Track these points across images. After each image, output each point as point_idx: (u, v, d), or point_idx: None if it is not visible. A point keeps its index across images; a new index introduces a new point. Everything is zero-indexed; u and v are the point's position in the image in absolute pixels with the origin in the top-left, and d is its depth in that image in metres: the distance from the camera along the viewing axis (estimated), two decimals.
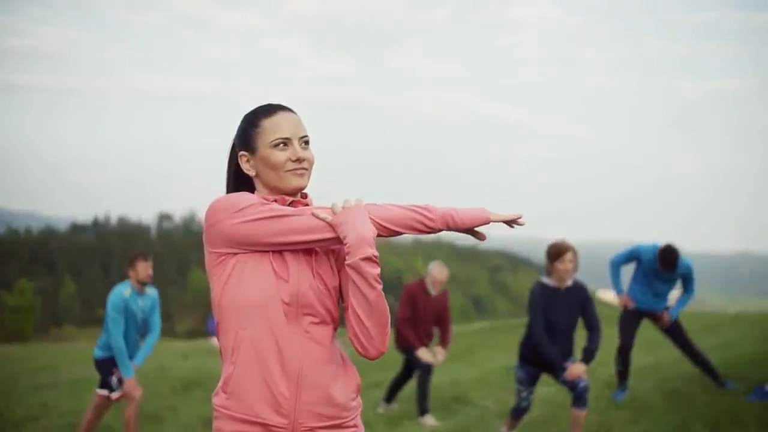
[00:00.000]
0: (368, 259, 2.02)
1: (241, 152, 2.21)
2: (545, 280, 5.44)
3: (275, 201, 2.14)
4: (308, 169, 2.17)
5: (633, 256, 7.04)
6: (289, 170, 2.13)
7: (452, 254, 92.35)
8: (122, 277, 6.36)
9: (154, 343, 6.39)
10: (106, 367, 6.14)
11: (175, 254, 72.94)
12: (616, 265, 7.08)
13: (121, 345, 5.95)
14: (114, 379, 6.10)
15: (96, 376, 6.35)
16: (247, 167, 2.20)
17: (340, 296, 2.19)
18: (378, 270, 2.04)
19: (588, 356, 5.32)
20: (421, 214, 2.14)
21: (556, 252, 5.33)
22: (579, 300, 5.41)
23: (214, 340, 7.09)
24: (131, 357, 6.14)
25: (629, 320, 7.09)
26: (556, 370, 5.33)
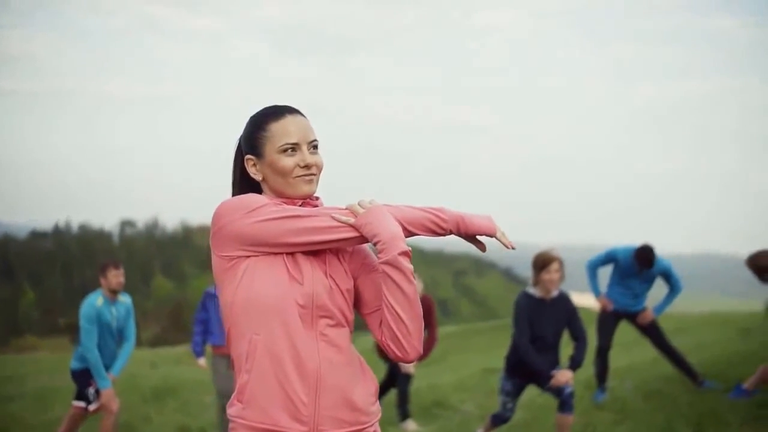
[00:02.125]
0: (405, 253, 1.98)
1: (248, 156, 2.13)
2: (531, 290, 5.37)
3: (284, 203, 2.07)
4: (317, 175, 2.11)
5: (609, 258, 7.04)
6: (298, 176, 2.07)
7: (417, 257, 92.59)
8: (84, 284, 6.24)
9: (131, 352, 6.24)
10: (83, 378, 5.98)
11: (138, 262, 71.97)
12: (593, 267, 7.08)
13: (96, 356, 5.79)
14: (91, 391, 5.94)
15: (65, 386, 6.19)
16: (253, 171, 2.13)
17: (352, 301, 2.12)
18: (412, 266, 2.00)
19: (574, 364, 5.28)
20: (435, 215, 2.10)
21: (542, 262, 5.27)
22: (565, 311, 5.36)
23: (202, 361, 6.92)
24: (108, 367, 5.99)
25: (607, 322, 7.10)
26: (542, 380, 5.27)
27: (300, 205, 2.08)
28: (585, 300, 8.69)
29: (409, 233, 2.07)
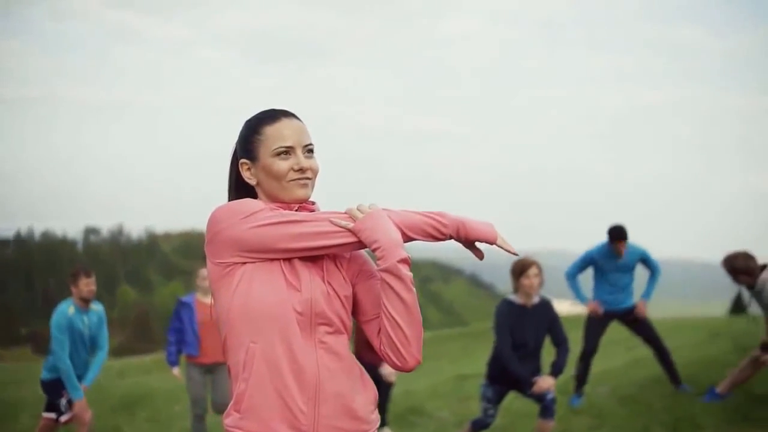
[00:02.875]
0: (404, 261, 1.94)
1: (242, 160, 2.09)
2: (511, 297, 5.36)
3: (280, 208, 2.03)
4: (312, 179, 2.07)
5: (586, 260, 7.09)
6: (292, 180, 2.03)
7: None
8: (47, 293, 6.13)
9: (104, 361, 6.11)
10: (55, 389, 5.84)
11: (102, 269, 71.06)
12: (573, 275, 7.11)
13: (68, 366, 5.66)
14: (63, 402, 5.81)
15: (29, 397, 6.05)
16: (247, 175, 2.09)
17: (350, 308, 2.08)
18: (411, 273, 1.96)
19: (556, 371, 5.28)
20: (436, 221, 2.06)
21: (521, 268, 5.26)
22: (546, 318, 5.36)
23: (176, 370, 6.81)
24: (81, 377, 5.85)
25: (596, 325, 7.12)
26: (524, 386, 5.26)
27: (296, 210, 2.04)
28: (559, 306, 8.72)
29: (408, 239, 2.03)
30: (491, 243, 2.10)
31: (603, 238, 7.00)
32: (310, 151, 2.07)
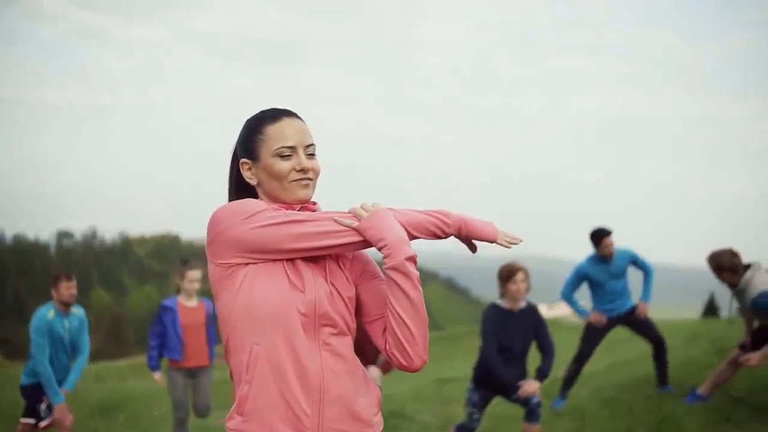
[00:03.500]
0: (411, 258, 1.92)
1: (243, 159, 2.07)
2: (498, 302, 5.38)
3: (282, 208, 2.01)
4: (313, 180, 2.05)
5: (578, 276, 7.06)
6: (294, 180, 2.01)
7: None
8: (18, 297, 6.04)
9: (84, 366, 6.04)
10: (34, 394, 5.77)
11: (75, 273, 70.01)
12: (568, 295, 7.12)
13: (49, 370, 5.59)
14: (43, 407, 5.74)
15: (3, 402, 5.95)
16: (248, 175, 2.06)
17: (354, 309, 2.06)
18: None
19: (542, 375, 5.29)
20: (439, 219, 2.05)
21: (508, 273, 5.28)
22: (533, 322, 5.37)
23: (158, 375, 6.73)
24: (61, 382, 5.78)
25: (596, 331, 7.10)
26: (509, 391, 5.27)
27: (298, 210, 2.02)
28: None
29: (413, 237, 2.01)
30: (492, 242, 2.08)
31: (579, 241, 7.02)
32: (312, 151, 2.05)
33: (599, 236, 6.88)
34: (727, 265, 5.81)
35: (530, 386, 5.21)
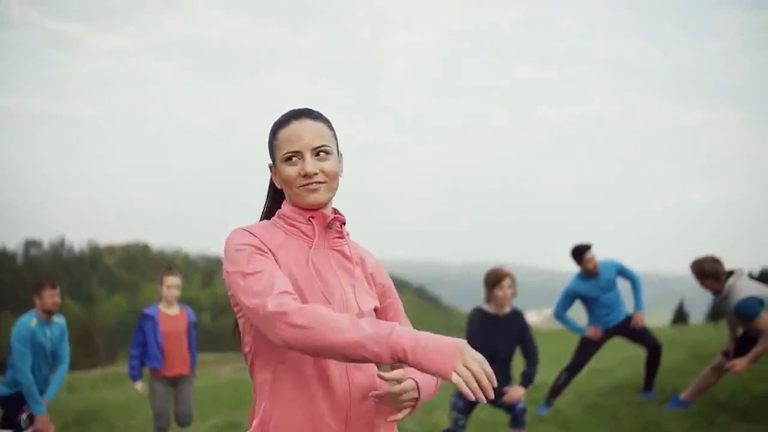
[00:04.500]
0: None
1: (270, 164, 2.04)
2: (484, 306, 5.39)
3: (312, 218, 1.97)
4: (325, 182, 1.94)
5: (569, 296, 7.07)
6: (301, 186, 1.94)
7: None
8: None
9: (65, 375, 5.95)
10: (14, 404, 5.65)
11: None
12: (561, 315, 7.15)
13: (30, 380, 5.49)
14: (23, 417, 5.62)
15: None
16: (275, 180, 2.04)
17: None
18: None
19: (527, 381, 5.31)
20: (370, 350, 1.68)
21: (495, 279, 5.29)
22: (518, 327, 5.39)
23: (139, 385, 6.62)
24: (41, 392, 5.68)
25: (592, 343, 7.12)
26: (495, 396, 5.28)
27: (328, 227, 1.98)
28: None
29: (348, 360, 1.76)
30: (445, 379, 1.66)
31: (543, 249, 7.07)
32: (322, 152, 1.94)
33: (580, 252, 6.92)
34: (709, 272, 5.87)
35: (515, 392, 5.23)
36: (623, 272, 7.05)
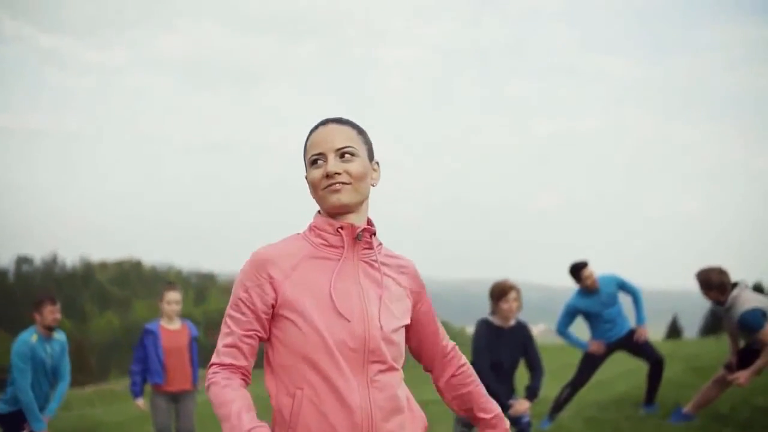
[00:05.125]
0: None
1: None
2: (490, 318, 5.40)
3: (341, 228, 1.94)
4: (349, 183, 1.90)
5: (570, 312, 7.08)
6: (325, 188, 1.91)
7: None
8: None
9: (65, 392, 5.92)
10: (14, 422, 5.62)
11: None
12: (563, 331, 7.15)
13: (31, 397, 5.47)
14: None
15: None
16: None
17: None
18: None
19: (532, 394, 5.31)
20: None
21: (500, 292, 5.31)
22: (523, 339, 5.40)
23: (140, 401, 6.58)
24: (42, 409, 5.65)
25: (594, 358, 7.12)
26: (501, 409, 5.26)
27: (357, 238, 1.95)
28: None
29: None
30: None
31: (538, 264, 7.07)
32: (348, 153, 1.92)
33: (577, 270, 6.93)
34: (716, 283, 5.88)
35: (521, 405, 5.23)
36: (624, 286, 7.05)
